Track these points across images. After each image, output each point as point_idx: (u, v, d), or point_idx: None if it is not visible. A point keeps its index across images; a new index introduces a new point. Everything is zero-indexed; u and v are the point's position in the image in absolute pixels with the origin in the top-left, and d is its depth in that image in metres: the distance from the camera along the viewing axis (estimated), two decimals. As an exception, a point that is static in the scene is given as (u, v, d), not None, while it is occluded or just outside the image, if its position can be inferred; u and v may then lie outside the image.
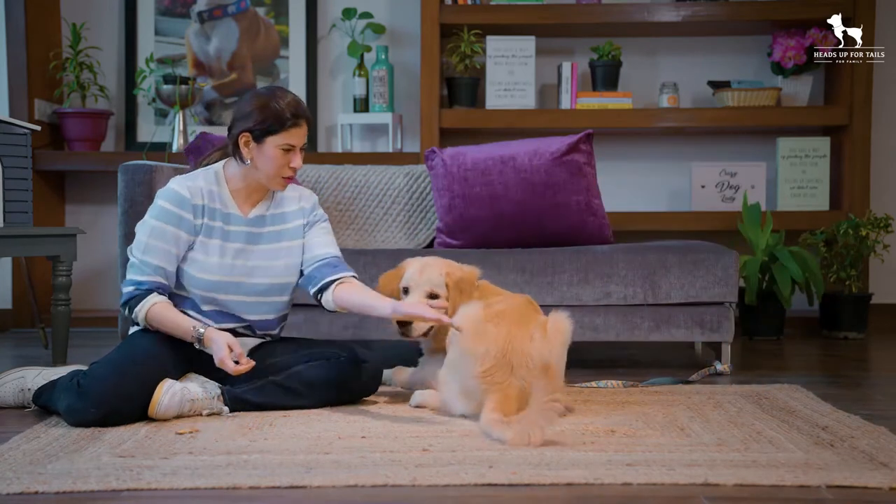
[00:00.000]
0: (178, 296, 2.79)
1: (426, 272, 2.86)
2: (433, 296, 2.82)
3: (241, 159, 2.76)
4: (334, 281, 2.79)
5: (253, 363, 2.67)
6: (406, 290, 2.87)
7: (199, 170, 2.85)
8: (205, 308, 2.78)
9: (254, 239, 2.82)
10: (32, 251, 3.50)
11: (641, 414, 2.70)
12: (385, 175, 4.10)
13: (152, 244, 2.71)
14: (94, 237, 5.02)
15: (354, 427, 2.54)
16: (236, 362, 2.63)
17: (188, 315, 2.76)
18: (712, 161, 4.97)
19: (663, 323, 3.55)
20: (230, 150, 2.80)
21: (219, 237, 2.78)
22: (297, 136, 2.74)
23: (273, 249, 2.83)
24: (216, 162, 2.87)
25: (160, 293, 2.72)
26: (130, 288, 2.72)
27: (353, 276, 2.83)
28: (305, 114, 2.75)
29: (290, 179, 2.80)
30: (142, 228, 2.74)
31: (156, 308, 2.70)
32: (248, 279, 2.79)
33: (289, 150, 2.73)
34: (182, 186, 2.75)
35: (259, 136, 2.72)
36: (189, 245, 2.76)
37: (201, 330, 2.67)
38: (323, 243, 2.87)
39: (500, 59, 4.80)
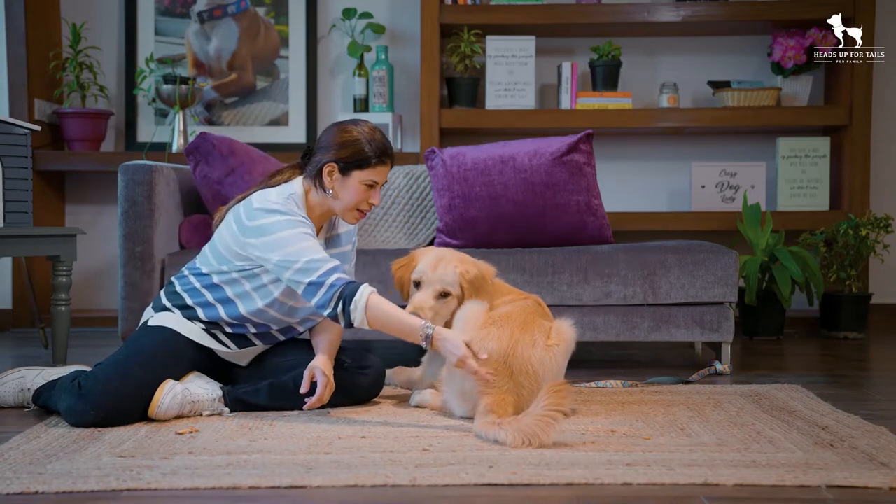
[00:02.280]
0: (209, 305, 2.77)
1: (440, 268, 2.75)
2: (444, 294, 2.74)
3: (323, 188, 2.73)
4: None
5: (491, 375, 2.50)
6: (417, 284, 2.78)
7: (284, 189, 2.74)
8: (247, 320, 2.76)
9: None
10: (32, 251, 3.50)
11: (641, 414, 2.70)
12: (385, 175, 4.10)
13: (310, 245, 2.59)
14: (94, 237, 5.02)
15: (354, 427, 2.54)
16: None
17: (219, 324, 2.77)
18: (712, 161, 4.97)
19: (663, 323, 3.56)
20: (309, 173, 2.75)
21: None
22: (382, 173, 2.73)
23: None
24: (287, 180, 2.81)
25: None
26: (332, 277, 2.54)
27: None
28: (392, 153, 2.75)
29: (363, 215, 2.78)
30: (285, 242, 2.59)
31: (375, 298, 2.53)
32: (301, 303, 2.77)
33: (371, 185, 2.73)
34: (286, 205, 2.67)
35: (345, 169, 2.70)
36: None
37: (429, 330, 2.51)
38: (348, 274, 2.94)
39: (500, 59, 4.80)
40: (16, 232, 3.43)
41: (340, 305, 2.54)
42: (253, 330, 2.80)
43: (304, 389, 2.69)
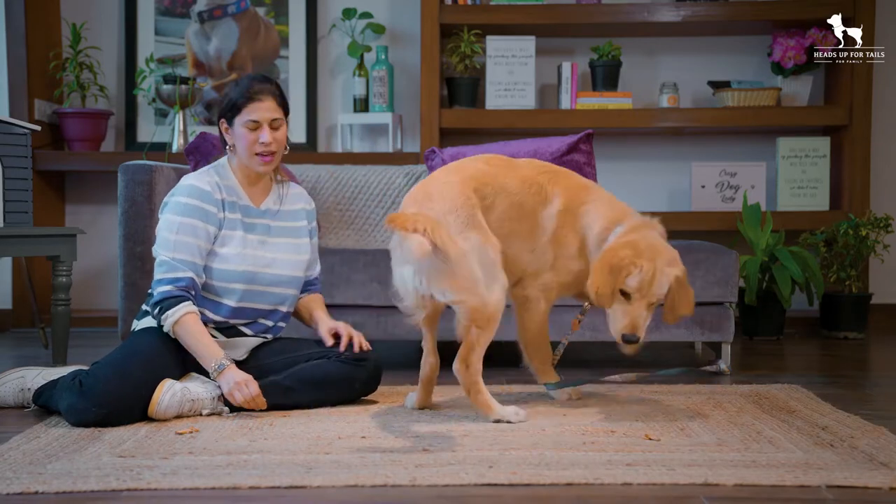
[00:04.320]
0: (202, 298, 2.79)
1: (659, 279, 2.56)
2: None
3: (227, 146, 2.85)
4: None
5: (264, 404, 2.70)
6: (625, 293, 2.59)
7: (208, 167, 2.88)
8: (227, 303, 2.78)
9: (271, 231, 2.86)
10: (32, 251, 3.50)
11: (641, 414, 2.70)
12: (385, 175, 4.10)
13: (182, 240, 2.71)
14: (94, 237, 5.02)
15: (354, 427, 2.54)
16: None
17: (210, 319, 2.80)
18: (712, 161, 4.97)
19: (663, 323, 3.55)
20: (222, 142, 2.89)
21: (241, 229, 2.81)
22: (259, 110, 2.76)
23: (289, 244, 2.88)
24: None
25: (193, 299, 2.70)
26: (167, 287, 2.69)
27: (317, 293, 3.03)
28: (268, 91, 2.78)
29: (268, 158, 2.80)
30: (167, 227, 2.73)
31: (188, 318, 2.67)
32: (268, 270, 2.82)
33: (255, 126, 2.77)
34: (201, 181, 2.79)
35: (230, 120, 2.80)
36: (213, 239, 2.77)
37: (225, 362, 2.67)
38: (314, 261, 3.01)
39: (500, 59, 4.80)
40: (16, 232, 3.43)
41: (157, 311, 2.70)
42: (232, 304, 2.79)
43: (329, 344, 2.82)
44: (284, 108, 2.82)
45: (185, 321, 2.68)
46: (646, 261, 2.53)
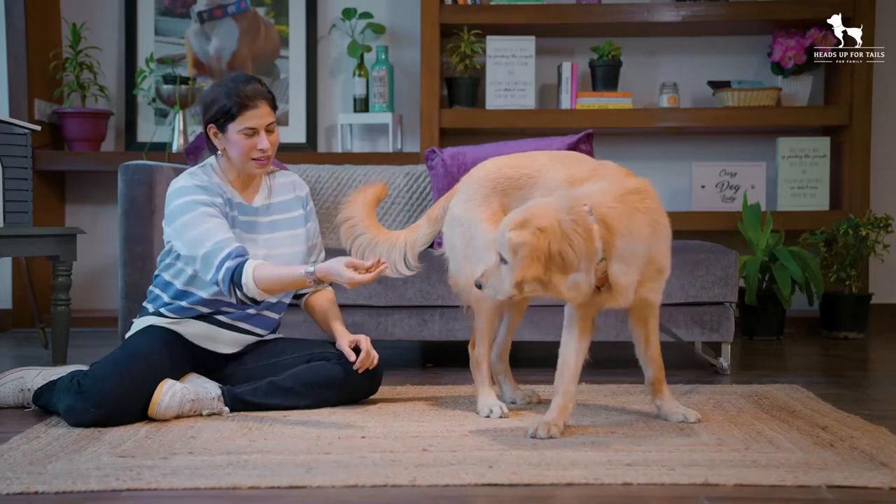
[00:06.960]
0: (184, 292, 2.78)
1: (500, 227, 2.35)
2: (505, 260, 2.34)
3: (216, 150, 2.79)
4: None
5: (383, 266, 2.54)
6: None
7: (193, 168, 2.83)
8: (211, 297, 2.76)
9: (261, 227, 2.82)
10: (32, 251, 3.50)
11: (641, 414, 2.70)
12: (385, 175, 4.10)
13: (205, 228, 2.63)
14: (94, 237, 5.02)
15: (354, 427, 2.54)
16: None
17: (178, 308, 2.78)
18: (712, 161, 4.97)
19: (663, 323, 3.55)
20: (209, 143, 2.83)
21: (235, 226, 2.77)
22: (256, 117, 2.71)
23: (281, 238, 2.84)
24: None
25: (249, 256, 2.63)
26: (228, 264, 2.57)
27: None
28: (261, 94, 2.72)
29: (264, 162, 2.77)
30: (183, 229, 2.65)
31: (259, 270, 2.55)
32: None
33: (252, 133, 2.72)
34: (196, 179, 2.74)
35: (222, 126, 2.73)
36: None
37: (311, 269, 2.56)
38: (316, 248, 2.96)
39: (500, 59, 4.80)
40: (16, 232, 3.43)
41: (238, 293, 2.58)
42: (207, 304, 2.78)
43: (352, 359, 2.75)
44: (275, 108, 2.78)
45: (259, 273, 2.55)
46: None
